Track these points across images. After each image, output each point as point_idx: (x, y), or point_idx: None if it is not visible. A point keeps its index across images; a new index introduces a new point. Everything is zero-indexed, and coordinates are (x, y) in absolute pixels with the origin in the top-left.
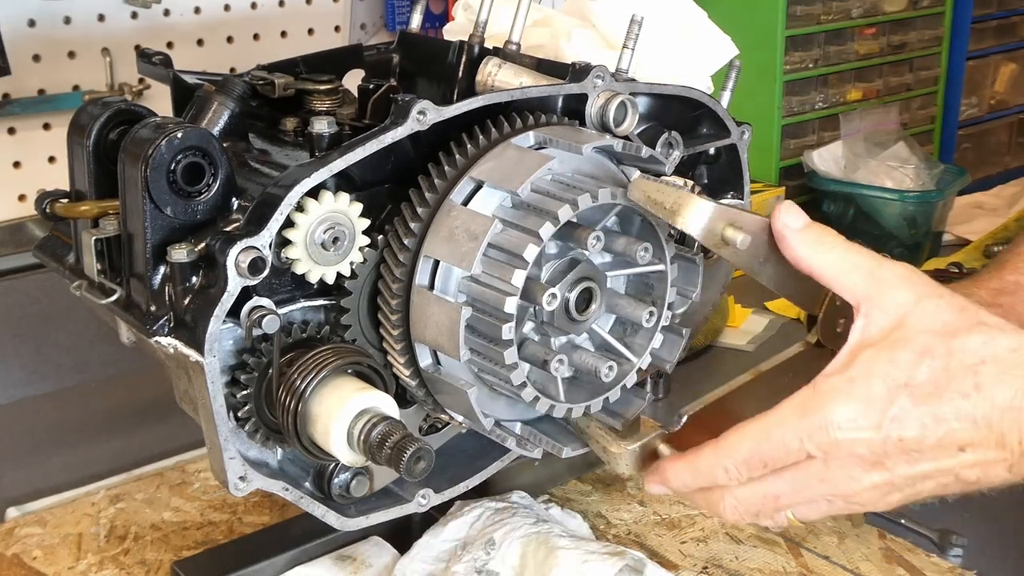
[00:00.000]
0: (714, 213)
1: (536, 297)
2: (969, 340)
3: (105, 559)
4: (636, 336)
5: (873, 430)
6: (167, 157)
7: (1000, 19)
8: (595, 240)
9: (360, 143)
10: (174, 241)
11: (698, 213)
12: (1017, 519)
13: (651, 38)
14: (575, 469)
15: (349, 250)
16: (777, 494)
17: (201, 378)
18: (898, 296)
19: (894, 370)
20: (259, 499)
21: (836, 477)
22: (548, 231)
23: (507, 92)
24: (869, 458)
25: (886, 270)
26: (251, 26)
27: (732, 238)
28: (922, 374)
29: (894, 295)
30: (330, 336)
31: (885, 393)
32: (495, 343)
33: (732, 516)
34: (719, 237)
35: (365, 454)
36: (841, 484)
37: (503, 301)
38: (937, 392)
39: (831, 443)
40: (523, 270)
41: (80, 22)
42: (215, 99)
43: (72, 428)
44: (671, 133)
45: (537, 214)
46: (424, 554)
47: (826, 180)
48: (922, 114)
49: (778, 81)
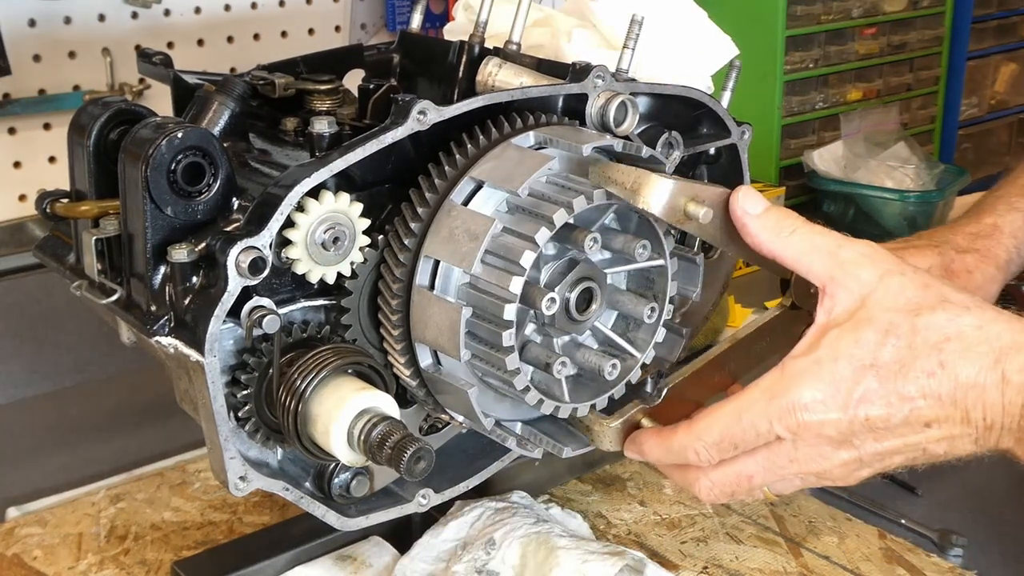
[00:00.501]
0: (674, 189)
1: (535, 302)
2: (933, 318)
3: (105, 559)
4: (639, 331)
5: (840, 411)
6: (167, 157)
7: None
8: (592, 242)
9: (360, 143)
10: (174, 241)
11: (658, 190)
12: (1017, 519)
13: (651, 38)
14: (575, 469)
15: (349, 250)
16: (750, 474)
17: (201, 378)
18: (861, 275)
19: (859, 350)
20: (259, 499)
21: (806, 457)
22: (544, 236)
23: (507, 92)
24: (837, 438)
25: (848, 249)
26: (251, 26)
27: (694, 213)
28: (887, 353)
29: (857, 274)
30: (330, 336)
31: (851, 374)
32: (497, 349)
33: (707, 497)
34: (682, 213)
35: (365, 454)
36: (811, 463)
37: (502, 308)
38: (902, 371)
39: (799, 425)
40: (521, 276)
41: (80, 22)
42: (215, 99)
43: (72, 428)
44: (671, 133)
45: (533, 219)
46: (424, 554)
47: (826, 180)
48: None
49: (778, 81)
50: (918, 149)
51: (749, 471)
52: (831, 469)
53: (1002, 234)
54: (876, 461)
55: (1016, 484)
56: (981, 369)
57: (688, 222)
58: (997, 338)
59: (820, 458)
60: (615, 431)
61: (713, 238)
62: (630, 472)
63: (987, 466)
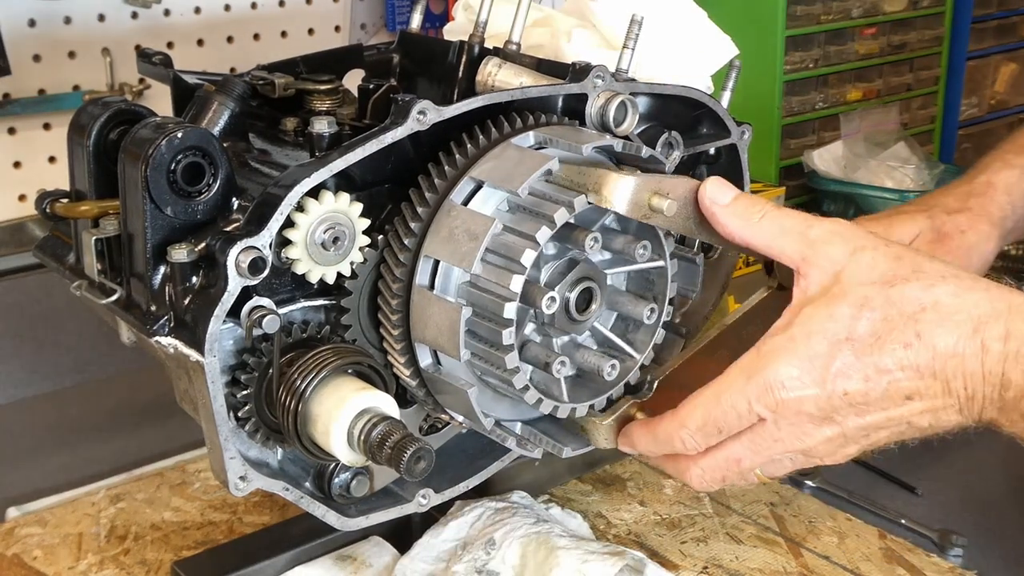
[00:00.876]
0: (636, 185)
1: (535, 301)
2: (907, 289)
3: (105, 559)
4: (638, 332)
5: (817, 386)
6: (167, 157)
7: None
8: (592, 241)
9: (360, 143)
10: (174, 241)
11: (620, 188)
12: (1017, 519)
13: (651, 38)
14: (575, 469)
15: (349, 250)
16: (738, 457)
17: (201, 378)
18: (832, 252)
19: (833, 325)
20: (259, 499)
21: (789, 435)
22: (545, 235)
23: (507, 92)
24: (818, 414)
25: (817, 228)
26: (251, 26)
27: (659, 206)
28: (862, 327)
29: (828, 251)
30: (330, 336)
31: (827, 349)
32: (496, 348)
33: (700, 485)
34: (647, 207)
35: (365, 454)
36: (795, 441)
37: (502, 307)
38: (878, 344)
39: (778, 403)
40: (521, 275)
41: (80, 22)
42: (215, 99)
43: (72, 428)
44: (671, 133)
45: (533, 218)
46: (424, 554)
47: (826, 180)
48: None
49: (778, 81)
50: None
51: (737, 455)
52: (816, 446)
53: (995, 191)
54: (861, 436)
55: (1016, 485)
56: (960, 338)
57: (654, 215)
58: (975, 306)
59: (803, 435)
60: (609, 428)
61: (685, 229)
62: (630, 472)
63: (987, 466)
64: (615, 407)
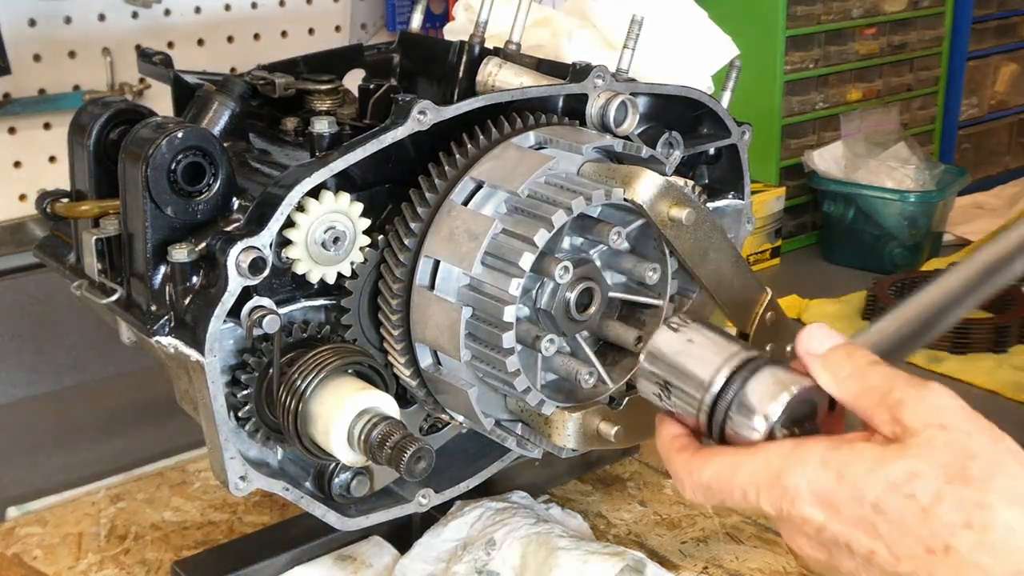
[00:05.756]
0: (663, 184)
1: (549, 271)
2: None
3: (105, 559)
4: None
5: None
6: (167, 157)
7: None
8: (616, 235)
9: (360, 143)
10: (174, 241)
11: (646, 183)
12: None
13: (651, 38)
14: (575, 469)
15: (349, 250)
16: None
17: (201, 378)
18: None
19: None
20: (259, 499)
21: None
22: (543, 237)
23: (507, 92)
24: (816, 538)
25: (898, 392)
26: (251, 26)
27: (677, 216)
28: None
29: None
30: (330, 336)
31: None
32: (496, 351)
33: (691, 500)
34: (666, 214)
35: (365, 454)
36: (787, 539)
37: (502, 310)
38: (904, 530)
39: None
40: (520, 279)
41: (80, 22)
42: (216, 99)
43: (72, 428)
44: (671, 133)
45: (532, 220)
46: (424, 554)
47: (826, 180)
48: (922, 114)
49: (778, 81)
50: (918, 149)
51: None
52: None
53: None
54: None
55: None
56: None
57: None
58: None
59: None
60: (575, 423)
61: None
62: (630, 472)
63: None
64: (582, 405)
